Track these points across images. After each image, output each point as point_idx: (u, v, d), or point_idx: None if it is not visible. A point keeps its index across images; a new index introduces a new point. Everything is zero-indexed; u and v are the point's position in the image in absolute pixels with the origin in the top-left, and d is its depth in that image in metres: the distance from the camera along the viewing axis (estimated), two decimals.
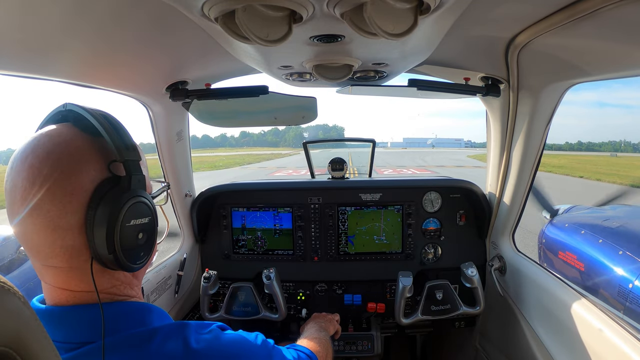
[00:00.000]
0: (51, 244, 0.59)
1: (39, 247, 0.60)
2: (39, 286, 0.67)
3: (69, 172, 0.59)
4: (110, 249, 0.61)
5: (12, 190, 0.59)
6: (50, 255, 0.60)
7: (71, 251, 0.61)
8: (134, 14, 0.92)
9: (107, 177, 0.63)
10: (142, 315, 0.67)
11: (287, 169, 25.82)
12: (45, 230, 0.58)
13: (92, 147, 0.63)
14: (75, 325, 0.61)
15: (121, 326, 0.63)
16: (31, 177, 0.58)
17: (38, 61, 0.99)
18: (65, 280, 0.63)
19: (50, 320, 0.61)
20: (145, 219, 0.67)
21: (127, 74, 1.29)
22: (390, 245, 1.99)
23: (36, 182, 0.57)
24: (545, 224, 3.70)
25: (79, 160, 0.61)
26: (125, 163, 0.64)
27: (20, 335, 0.39)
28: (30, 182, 0.58)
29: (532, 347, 1.45)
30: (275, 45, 0.80)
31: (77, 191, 0.59)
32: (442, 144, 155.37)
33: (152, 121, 1.64)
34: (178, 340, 0.64)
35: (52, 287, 0.64)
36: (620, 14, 0.84)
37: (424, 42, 1.08)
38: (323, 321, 1.51)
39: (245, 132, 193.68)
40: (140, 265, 0.68)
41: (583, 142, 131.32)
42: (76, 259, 0.61)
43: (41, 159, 0.59)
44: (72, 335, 0.61)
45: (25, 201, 0.57)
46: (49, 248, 0.60)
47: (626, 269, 2.58)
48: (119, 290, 0.68)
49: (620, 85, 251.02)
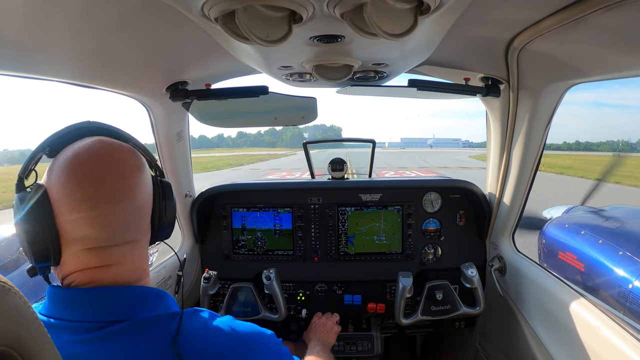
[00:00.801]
0: (139, 216, 0.73)
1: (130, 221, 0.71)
2: (39, 286, 0.68)
3: (141, 163, 0.74)
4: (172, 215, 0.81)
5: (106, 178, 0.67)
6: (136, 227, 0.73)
7: (146, 224, 0.75)
8: (134, 14, 0.92)
9: (152, 172, 0.80)
10: (162, 299, 0.74)
11: (280, 171, 24.55)
12: (138, 205, 0.72)
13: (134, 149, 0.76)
14: (111, 304, 0.67)
15: (144, 308, 0.69)
16: (125, 164, 0.71)
17: (38, 61, 0.99)
18: (133, 256, 0.72)
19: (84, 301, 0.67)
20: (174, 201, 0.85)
21: (127, 74, 1.29)
22: (390, 246, 1.99)
23: (130, 166, 0.71)
24: (546, 224, 3.70)
25: (137, 155, 0.75)
26: (156, 164, 0.82)
27: (21, 335, 0.40)
28: (127, 167, 0.71)
29: (532, 348, 1.45)
30: (275, 45, 0.80)
31: (148, 175, 0.76)
32: (440, 144, 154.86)
33: (152, 121, 1.64)
34: (198, 322, 0.71)
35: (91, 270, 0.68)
36: (619, 16, 0.84)
37: (424, 43, 1.08)
38: (325, 335, 1.56)
39: (243, 133, 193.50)
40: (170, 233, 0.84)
41: (581, 142, 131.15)
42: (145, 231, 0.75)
43: (123, 151, 0.72)
44: (99, 315, 0.66)
45: (125, 182, 0.69)
46: (136, 221, 0.72)
47: (626, 269, 2.58)
48: (145, 274, 0.77)
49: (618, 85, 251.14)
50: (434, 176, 2.33)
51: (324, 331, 1.58)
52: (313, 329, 1.61)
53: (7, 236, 3.19)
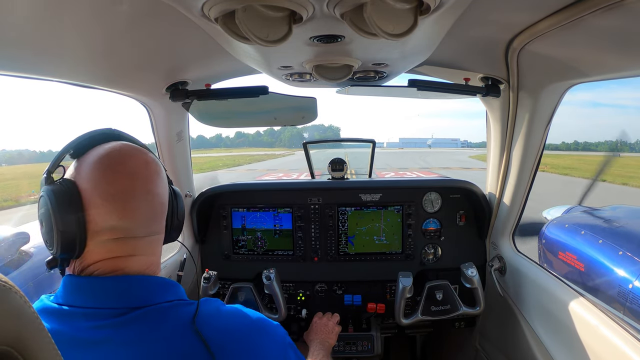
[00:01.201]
0: (162, 212, 0.80)
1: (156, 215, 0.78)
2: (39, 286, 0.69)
3: (160, 166, 0.81)
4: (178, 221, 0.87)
5: (135, 174, 0.74)
6: (159, 221, 0.80)
7: (164, 217, 0.81)
8: (134, 14, 0.92)
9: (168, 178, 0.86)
10: (176, 289, 0.79)
11: (277, 172, 23.68)
12: (161, 201, 0.79)
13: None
14: (130, 291, 0.72)
15: (161, 296, 0.74)
16: (151, 164, 0.78)
17: (38, 62, 0.99)
18: (154, 247, 0.80)
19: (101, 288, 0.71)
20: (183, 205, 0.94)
21: (127, 74, 1.29)
22: (390, 246, 1.99)
23: (153, 167, 0.78)
24: (546, 224, 3.69)
25: (154, 157, 0.81)
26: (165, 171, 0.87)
27: (22, 334, 0.40)
28: (152, 167, 0.78)
29: (532, 348, 1.45)
30: (275, 45, 0.80)
31: (163, 177, 0.82)
32: (438, 144, 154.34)
33: (152, 121, 1.65)
34: (211, 306, 0.77)
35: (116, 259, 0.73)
36: (618, 17, 0.84)
37: (424, 43, 1.08)
38: (326, 336, 1.57)
39: (241, 133, 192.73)
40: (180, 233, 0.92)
41: (579, 142, 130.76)
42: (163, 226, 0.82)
43: (146, 153, 0.79)
44: (121, 301, 0.70)
45: (150, 180, 0.76)
46: (160, 215, 0.80)
47: (626, 269, 2.58)
48: (159, 268, 0.82)
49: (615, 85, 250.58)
50: (434, 176, 2.33)
51: (325, 332, 1.58)
52: (314, 329, 1.61)
53: (7, 236, 3.19)
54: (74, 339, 0.66)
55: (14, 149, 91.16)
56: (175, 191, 0.87)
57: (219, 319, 0.75)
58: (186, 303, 0.75)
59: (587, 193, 4.05)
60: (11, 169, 33.81)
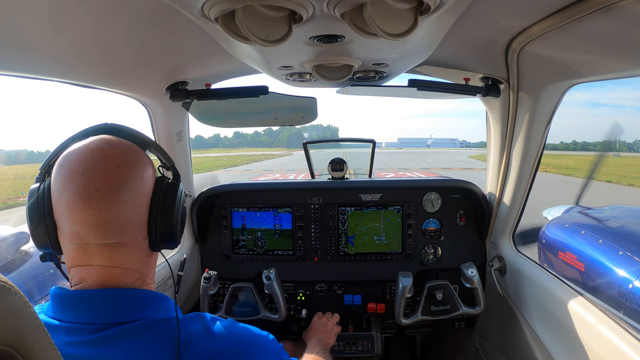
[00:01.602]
0: (125, 217, 0.69)
1: (114, 221, 0.68)
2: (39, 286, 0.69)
3: (141, 163, 0.73)
4: (175, 219, 0.76)
5: (83, 172, 0.66)
6: (122, 229, 0.69)
7: (136, 226, 0.71)
8: (134, 14, 0.92)
9: (160, 175, 0.78)
10: (163, 303, 0.75)
11: (273, 173, 22.63)
12: (125, 205, 0.69)
13: (143, 152, 0.77)
14: (109, 307, 0.68)
15: (147, 311, 0.71)
16: (116, 162, 0.69)
17: (39, 62, 0.99)
18: (123, 257, 0.71)
19: (87, 303, 0.68)
20: (185, 205, 0.83)
21: (127, 74, 1.29)
22: (390, 246, 1.99)
23: (122, 165, 0.69)
24: (545, 224, 3.69)
25: (141, 157, 0.74)
26: (169, 163, 0.83)
27: (21, 334, 0.40)
28: (117, 165, 0.69)
29: (532, 348, 1.45)
30: (275, 45, 0.80)
31: (149, 179, 0.74)
32: (437, 144, 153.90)
33: (152, 121, 1.64)
34: (198, 324, 0.72)
35: (101, 268, 0.69)
36: (617, 18, 0.84)
37: (424, 43, 1.08)
38: (325, 336, 1.55)
39: (239, 133, 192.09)
40: (178, 242, 0.80)
41: (578, 141, 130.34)
42: (138, 235, 0.72)
43: (121, 149, 0.71)
44: (99, 317, 0.67)
45: (112, 180, 0.67)
46: (122, 222, 0.69)
47: (626, 269, 2.58)
48: (148, 277, 0.77)
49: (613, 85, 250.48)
50: (434, 176, 2.34)
51: (324, 332, 1.58)
52: (313, 329, 1.61)
53: (7, 236, 3.19)
54: None
55: (11, 149, 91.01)
56: (167, 188, 0.76)
57: (206, 341, 0.70)
58: (170, 320, 0.70)
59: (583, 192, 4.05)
60: (8, 169, 33.69)
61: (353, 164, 2.40)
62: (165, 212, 0.74)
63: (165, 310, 0.74)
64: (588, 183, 4.07)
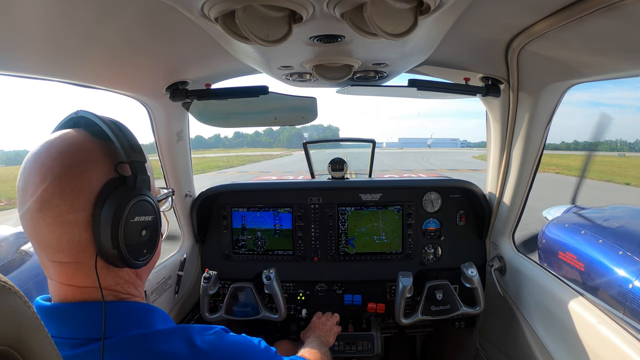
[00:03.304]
0: (59, 238, 0.62)
1: (47, 241, 0.62)
2: (39, 286, 0.69)
3: (78, 171, 0.63)
4: (115, 244, 0.63)
5: (24, 188, 0.62)
6: (58, 249, 0.63)
7: (77, 246, 0.63)
8: (134, 14, 0.92)
9: (114, 177, 0.66)
10: (145, 316, 0.69)
11: (270, 175, 21.73)
12: (54, 225, 0.61)
13: (101, 149, 0.67)
14: (81, 321, 0.64)
15: (125, 325, 0.65)
16: (43, 174, 0.61)
17: (38, 62, 0.99)
18: (71, 276, 0.65)
19: (57, 317, 0.64)
20: (149, 217, 0.70)
21: (127, 74, 1.29)
22: (390, 246, 1.99)
23: (47, 178, 0.61)
24: (546, 224, 3.69)
25: (88, 160, 0.65)
26: (132, 164, 0.67)
27: (21, 334, 0.40)
28: (42, 178, 0.61)
29: (532, 347, 1.45)
30: (275, 45, 0.80)
31: (86, 188, 0.63)
32: (438, 144, 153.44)
33: (152, 121, 1.64)
34: (183, 341, 0.66)
35: (58, 284, 0.66)
36: (617, 17, 0.84)
37: (424, 42, 1.08)
38: (324, 334, 1.54)
39: (240, 133, 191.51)
40: (143, 261, 0.70)
41: (579, 141, 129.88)
42: (82, 254, 0.64)
43: (53, 158, 0.62)
44: (78, 331, 0.63)
45: (35, 196, 0.61)
46: (56, 242, 0.62)
47: (626, 269, 2.58)
48: (123, 289, 0.70)
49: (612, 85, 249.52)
50: (434, 176, 2.34)
51: (324, 330, 1.57)
52: (312, 327, 1.61)
53: (7, 236, 3.19)
54: None
55: (11, 150, 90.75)
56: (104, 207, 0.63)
57: (191, 358, 0.65)
58: (141, 342, 0.64)
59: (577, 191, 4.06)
60: (7, 170, 33.52)
61: (354, 165, 2.39)
62: (104, 235, 0.62)
63: (147, 324, 0.68)
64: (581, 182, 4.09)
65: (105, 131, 0.66)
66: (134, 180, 0.67)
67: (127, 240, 0.65)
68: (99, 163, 0.65)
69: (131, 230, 0.66)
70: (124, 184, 0.66)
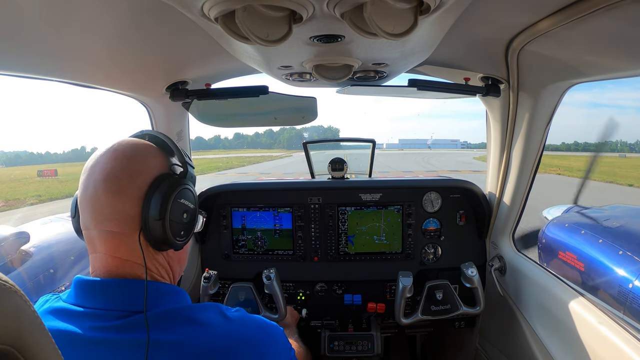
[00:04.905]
0: (113, 206, 0.72)
1: (102, 208, 0.73)
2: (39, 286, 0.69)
3: (143, 158, 0.77)
4: (162, 215, 0.74)
5: (94, 165, 0.75)
6: (109, 217, 0.73)
7: (126, 218, 0.73)
8: (134, 14, 0.92)
9: (168, 172, 0.79)
10: (178, 295, 0.80)
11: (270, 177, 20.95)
12: (112, 194, 0.72)
13: (161, 152, 0.82)
14: (126, 296, 0.72)
15: (164, 301, 0.75)
16: (114, 155, 0.75)
17: (38, 62, 0.99)
18: (115, 246, 0.74)
19: (104, 290, 0.73)
20: (191, 205, 0.83)
21: (127, 74, 1.30)
22: (390, 246, 1.99)
23: (117, 157, 0.75)
24: (545, 224, 3.69)
25: (151, 154, 0.79)
26: (183, 165, 0.83)
27: (22, 333, 0.40)
28: (113, 157, 0.75)
29: (532, 347, 1.45)
30: (275, 45, 0.80)
31: (146, 172, 0.76)
32: (438, 145, 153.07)
33: (152, 121, 1.65)
34: (217, 313, 0.77)
35: (104, 256, 0.75)
36: (618, 17, 0.84)
37: (424, 42, 1.08)
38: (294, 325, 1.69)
39: (240, 134, 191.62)
40: (180, 242, 0.80)
41: (580, 142, 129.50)
42: (129, 226, 0.74)
43: (124, 146, 0.77)
44: (122, 304, 0.71)
45: (104, 170, 0.73)
46: (109, 210, 0.72)
47: (626, 269, 2.58)
48: (157, 272, 0.80)
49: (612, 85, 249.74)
50: (434, 176, 2.34)
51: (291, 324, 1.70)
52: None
53: (7, 235, 3.19)
54: (76, 338, 0.67)
55: (11, 151, 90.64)
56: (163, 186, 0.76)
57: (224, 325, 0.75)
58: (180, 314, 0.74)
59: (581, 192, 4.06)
60: (7, 170, 33.47)
61: (354, 166, 2.38)
62: (154, 207, 0.74)
63: (181, 300, 0.78)
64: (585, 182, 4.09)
65: (164, 141, 0.83)
66: (184, 174, 0.82)
67: (172, 214, 0.76)
68: (158, 158, 0.80)
69: (177, 207, 0.77)
70: (174, 175, 0.80)
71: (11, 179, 24.54)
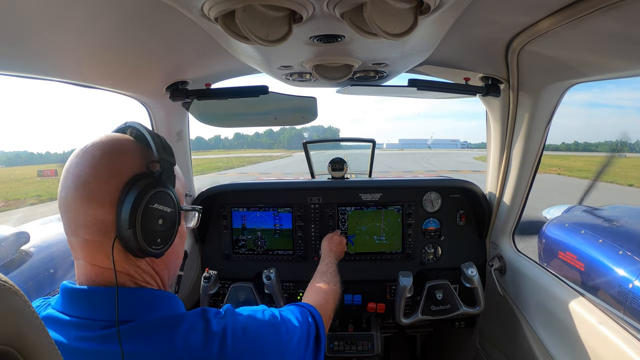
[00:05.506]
0: (85, 213, 0.68)
1: (75, 215, 0.69)
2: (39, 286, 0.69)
3: (114, 159, 0.70)
4: (131, 224, 0.67)
5: (68, 168, 0.71)
6: (82, 224, 0.69)
7: (100, 225, 0.68)
8: (134, 14, 0.92)
9: (144, 172, 0.72)
10: (166, 301, 0.75)
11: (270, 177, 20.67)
12: (83, 200, 0.68)
13: (138, 148, 0.74)
14: (109, 305, 0.68)
15: (146, 309, 0.71)
16: (84, 157, 0.70)
17: (38, 61, 0.99)
18: (93, 254, 0.70)
19: (87, 300, 0.69)
20: (167, 209, 0.74)
21: (127, 74, 1.29)
22: (390, 245, 1.99)
23: (86, 160, 0.70)
24: (546, 224, 3.69)
25: (125, 153, 0.72)
26: (161, 161, 0.74)
27: (22, 334, 0.40)
28: (82, 160, 0.70)
29: (532, 347, 1.45)
30: (275, 45, 0.80)
31: (117, 175, 0.69)
32: (438, 145, 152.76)
33: (152, 121, 1.65)
34: (200, 328, 0.71)
35: (84, 264, 0.71)
36: (618, 17, 0.84)
37: (424, 42, 1.08)
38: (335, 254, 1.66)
39: (240, 134, 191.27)
40: (155, 251, 0.73)
41: (580, 142, 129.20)
42: (104, 234, 0.69)
43: (96, 146, 0.71)
44: (104, 314, 0.68)
45: (74, 175, 0.69)
46: (82, 217, 0.68)
47: (626, 269, 2.58)
48: (141, 278, 0.75)
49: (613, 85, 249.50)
50: (434, 176, 2.34)
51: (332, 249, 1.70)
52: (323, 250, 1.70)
53: (7, 235, 3.19)
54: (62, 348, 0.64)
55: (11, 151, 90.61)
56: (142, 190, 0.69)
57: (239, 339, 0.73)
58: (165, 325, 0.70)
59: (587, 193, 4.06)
60: (8, 170, 33.49)
61: (354, 167, 2.38)
62: (124, 215, 0.67)
63: (172, 308, 0.75)
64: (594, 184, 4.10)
65: (144, 135, 0.74)
66: (160, 174, 0.73)
67: (143, 222, 0.69)
68: (133, 157, 0.72)
69: (148, 214, 0.70)
70: (151, 176, 0.72)
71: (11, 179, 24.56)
